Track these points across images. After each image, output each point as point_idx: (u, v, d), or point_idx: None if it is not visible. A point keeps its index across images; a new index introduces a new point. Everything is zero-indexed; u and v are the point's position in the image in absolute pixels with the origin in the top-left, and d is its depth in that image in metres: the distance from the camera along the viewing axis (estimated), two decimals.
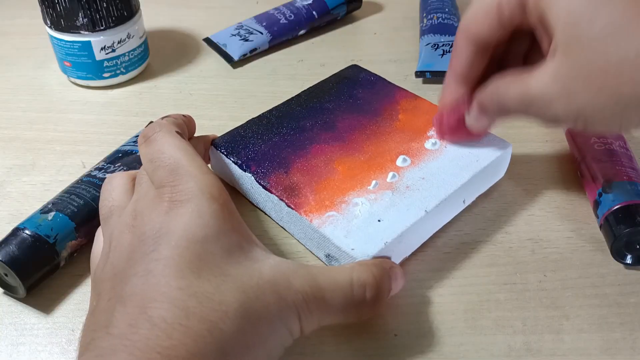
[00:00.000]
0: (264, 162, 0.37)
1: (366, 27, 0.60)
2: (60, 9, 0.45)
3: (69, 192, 0.35)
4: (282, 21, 0.56)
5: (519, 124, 0.44)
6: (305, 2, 0.57)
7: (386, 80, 0.44)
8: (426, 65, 0.51)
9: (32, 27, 0.59)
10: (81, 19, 0.45)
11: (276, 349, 0.26)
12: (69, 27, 0.46)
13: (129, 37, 0.48)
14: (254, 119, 0.40)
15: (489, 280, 0.34)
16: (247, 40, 0.54)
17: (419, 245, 0.35)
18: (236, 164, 0.37)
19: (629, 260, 0.34)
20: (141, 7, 0.50)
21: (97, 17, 0.46)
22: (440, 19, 0.55)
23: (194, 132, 0.38)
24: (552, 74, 0.27)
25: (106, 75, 0.49)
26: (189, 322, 0.23)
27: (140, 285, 0.25)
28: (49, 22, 0.47)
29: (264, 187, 0.35)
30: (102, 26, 0.46)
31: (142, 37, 0.51)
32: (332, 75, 0.45)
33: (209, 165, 0.40)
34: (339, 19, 0.60)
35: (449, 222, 0.37)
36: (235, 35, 0.55)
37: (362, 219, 0.33)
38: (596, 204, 0.36)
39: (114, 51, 0.48)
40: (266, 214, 0.38)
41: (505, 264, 0.35)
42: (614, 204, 0.34)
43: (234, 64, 0.54)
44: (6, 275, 0.32)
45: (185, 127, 0.35)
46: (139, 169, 0.33)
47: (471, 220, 0.37)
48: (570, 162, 0.42)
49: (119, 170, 0.37)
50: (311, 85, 0.44)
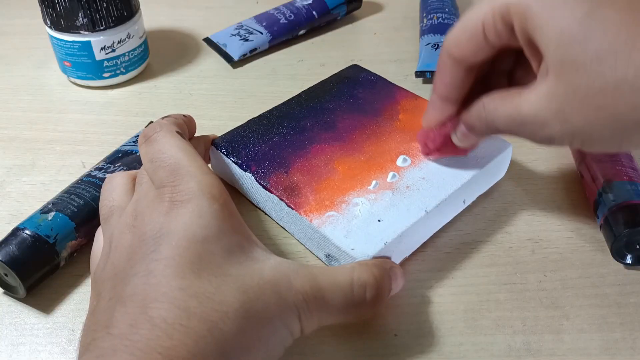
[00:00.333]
0: (264, 162, 0.37)
1: (366, 27, 0.60)
2: (60, 8, 0.45)
3: (69, 192, 0.35)
4: (282, 21, 0.56)
5: None
6: (305, 2, 0.57)
7: (386, 80, 0.44)
8: (426, 65, 0.51)
9: (32, 27, 0.59)
10: (81, 18, 0.45)
11: (276, 349, 0.26)
12: (69, 27, 0.46)
13: (128, 37, 0.48)
14: (254, 118, 0.40)
15: (489, 280, 0.34)
16: (247, 40, 0.54)
17: (419, 245, 0.35)
18: (236, 163, 0.37)
19: (629, 260, 0.34)
20: (141, 7, 0.50)
21: (97, 17, 0.46)
22: (440, 19, 0.55)
23: (195, 132, 0.38)
24: (545, 95, 0.26)
25: (106, 75, 0.49)
26: (189, 323, 0.23)
27: (140, 285, 0.25)
28: (48, 22, 0.47)
29: (264, 187, 0.35)
30: (102, 26, 0.46)
31: (142, 37, 0.51)
32: (333, 75, 0.45)
33: (209, 165, 0.40)
34: (339, 19, 0.60)
35: (449, 222, 0.37)
36: (235, 35, 0.55)
37: (362, 219, 0.33)
38: (596, 204, 0.36)
39: (113, 51, 0.48)
40: (266, 214, 0.38)
41: (505, 264, 0.35)
42: (614, 204, 0.34)
43: (234, 64, 0.54)
44: (6, 275, 0.32)
45: (185, 127, 0.35)
46: (139, 169, 0.33)
47: (471, 220, 0.37)
48: (570, 162, 0.42)
49: (119, 170, 0.37)
50: (311, 85, 0.44)
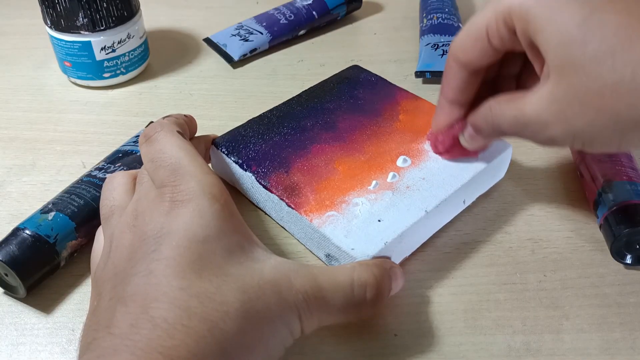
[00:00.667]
0: (265, 162, 0.37)
1: (366, 27, 0.60)
2: (60, 9, 0.45)
3: (69, 192, 0.35)
4: (282, 21, 0.56)
5: None
6: (305, 2, 0.57)
7: (387, 80, 0.44)
8: (426, 65, 0.51)
9: (32, 27, 0.59)
10: (81, 19, 0.45)
11: (277, 348, 0.26)
12: (69, 27, 0.46)
13: (129, 37, 0.48)
14: (254, 118, 0.40)
15: (489, 280, 0.34)
16: (247, 40, 0.54)
17: (419, 245, 0.35)
18: (237, 163, 0.37)
19: (628, 260, 0.34)
20: (141, 7, 0.50)
21: (97, 17, 0.46)
22: (440, 19, 0.55)
23: (195, 132, 0.38)
24: (547, 97, 0.27)
25: (106, 75, 0.49)
26: (190, 323, 0.23)
27: (141, 285, 0.25)
28: (49, 22, 0.47)
29: (265, 186, 0.35)
30: (102, 26, 0.46)
31: (142, 37, 0.51)
32: (333, 75, 0.45)
33: (210, 164, 0.40)
34: (339, 19, 0.60)
35: (449, 222, 0.37)
36: (235, 35, 0.55)
37: (362, 219, 0.33)
38: (596, 204, 0.36)
39: (114, 51, 0.48)
40: (266, 214, 0.38)
41: (505, 263, 0.35)
42: (613, 204, 0.34)
43: (234, 64, 0.54)
44: (6, 275, 0.32)
45: (186, 127, 0.35)
46: (139, 168, 0.33)
47: (471, 220, 0.37)
48: (570, 162, 0.42)
49: (119, 170, 0.37)
50: (311, 85, 0.44)
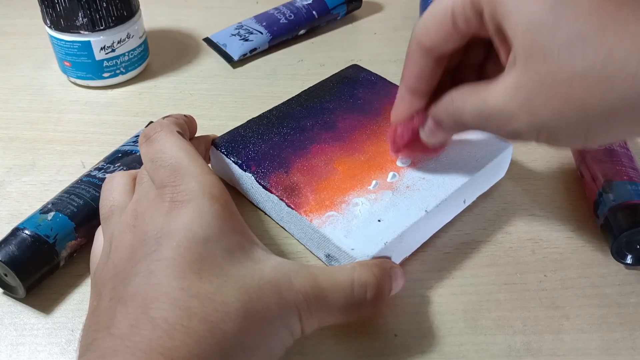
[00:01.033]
0: (264, 162, 0.37)
1: (366, 27, 0.60)
2: (60, 8, 0.45)
3: (69, 192, 0.35)
4: (282, 21, 0.56)
5: None
6: (305, 2, 0.57)
7: (387, 80, 0.44)
8: None
9: (32, 27, 0.59)
10: (81, 18, 0.45)
11: (277, 349, 0.26)
12: (69, 27, 0.46)
13: (128, 37, 0.48)
14: (254, 118, 0.40)
15: (489, 280, 0.34)
16: (247, 40, 0.54)
17: (419, 245, 0.35)
18: (236, 163, 0.37)
19: (629, 260, 0.34)
20: (141, 7, 0.50)
21: (97, 17, 0.46)
22: None
23: (195, 132, 0.38)
24: (511, 86, 0.25)
25: (106, 75, 0.49)
26: (190, 323, 0.23)
27: (141, 285, 0.25)
28: (48, 22, 0.47)
29: (264, 187, 0.35)
30: (101, 26, 0.46)
31: (142, 37, 0.51)
32: (333, 75, 0.45)
33: (209, 165, 0.40)
34: (339, 18, 0.60)
35: (449, 222, 0.37)
36: (235, 35, 0.55)
37: (362, 219, 0.33)
38: (596, 204, 0.36)
39: (113, 51, 0.48)
40: (266, 214, 0.38)
41: (505, 264, 0.35)
42: (614, 203, 0.34)
43: (234, 63, 0.54)
44: (6, 275, 0.32)
45: (186, 127, 0.35)
46: (139, 168, 0.33)
47: (471, 220, 0.37)
48: (570, 162, 0.42)
49: (119, 170, 0.37)
50: (311, 85, 0.44)
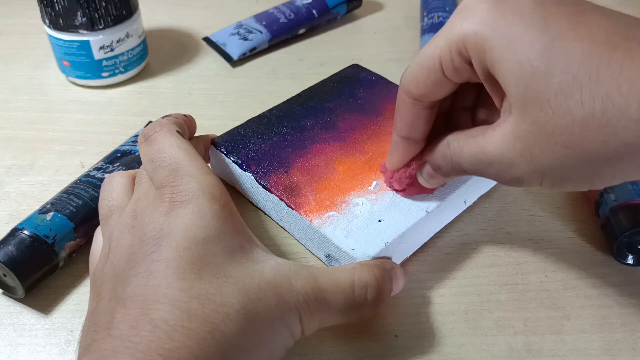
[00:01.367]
0: (264, 162, 0.37)
1: (366, 26, 0.60)
2: (59, 8, 0.45)
3: (68, 192, 0.35)
4: (282, 20, 0.56)
5: None
6: (305, 1, 0.57)
7: (387, 79, 0.44)
8: None
9: (31, 27, 0.58)
10: (80, 18, 0.45)
11: (277, 350, 0.26)
12: (68, 27, 0.46)
13: (127, 36, 0.48)
14: (254, 118, 0.40)
15: (490, 280, 0.34)
16: (246, 39, 0.54)
17: (420, 245, 0.35)
18: (236, 163, 0.37)
19: (630, 260, 0.34)
20: (140, 6, 0.50)
21: (96, 16, 0.45)
22: (440, 18, 0.54)
23: (195, 132, 0.38)
24: (509, 135, 0.24)
25: (105, 74, 0.49)
26: (190, 324, 0.23)
27: (141, 286, 0.24)
28: (47, 22, 0.47)
29: (264, 186, 0.35)
30: (100, 25, 0.46)
31: (141, 36, 0.50)
32: (333, 74, 0.45)
33: (209, 164, 0.40)
34: (339, 18, 0.60)
35: (450, 223, 0.37)
36: (234, 34, 0.55)
37: (362, 219, 0.33)
38: (597, 204, 0.36)
39: (112, 50, 0.48)
40: (266, 214, 0.37)
41: (506, 264, 0.35)
42: (615, 203, 0.34)
43: (234, 63, 0.54)
44: (5, 275, 0.32)
45: (185, 127, 0.35)
46: (138, 168, 0.33)
47: (472, 220, 0.37)
48: None
49: (118, 170, 0.37)
50: (311, 84, 0.43)
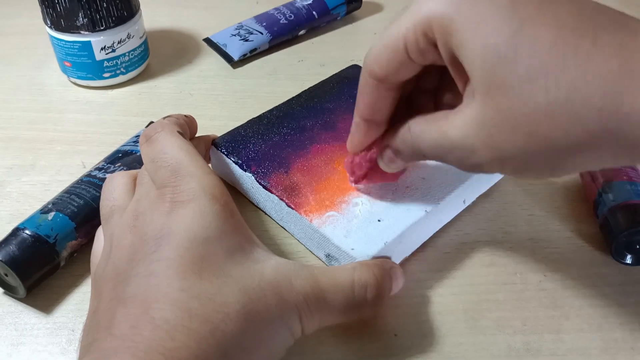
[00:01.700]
0: (264, 162, 0.37)
1: (366, 27, 0.60)
2: (60, 9, 0.45)
3: (69, 192, 0.35)
4: (282, 21, 0.56)
5: None
6: (305, 2, 0.57)
7: None
8: None
9: (32, 27, 0.59)
10: (81, 19, 0.45)
11: (277, 349, 0.26)
12: (69, 27, 0.46)
13: (129, 37, 0.48)
14: (254, 118, 0.40)
15: (489, 280, 0.34)
16: (247, 40, 0.54)
17: (419, 245, 0.35)
18: (236, 163, 0.37)
19: (629, 260, 0.34)
20: (141, 7, 0.50)
21: (97, 17, 0.46)
22: None
23: (196, 132, 0.38)
24: (472, 120, 0.24)
25: (106, 75, 0.49)
26: (191, 324, 0.23)
27: (142, 286, 0.25)
28: (49, 22, 0.47)
29: (264, 186, 0.35)
30: (102, 26, 0.46)
31: (142, 37, 0.51)
32: (333, 75, 0.45)
33: (210, 165, 0.40)
34: (339, 19, 0.60)
35: (449, 222, 0.37)
36: (235, 35, 0.55)
37: (362, 219, 0.33)
38: (596, 204, 0.36)
39: (114, 51, 0.48)
40: (266, 214, 0.38)
41: (505, 264, 0.35)
42: (613, 203, 0.34)
43: (234, 64, 0.54)
44: (6, 275, 0.32)
45: (186, 127, 0.35)
46: (139, 169, 0.33)
47: (471, 220, 0.37)
48: None
49: (119, 170, 0.37)
50: (311, 85, 0.44)
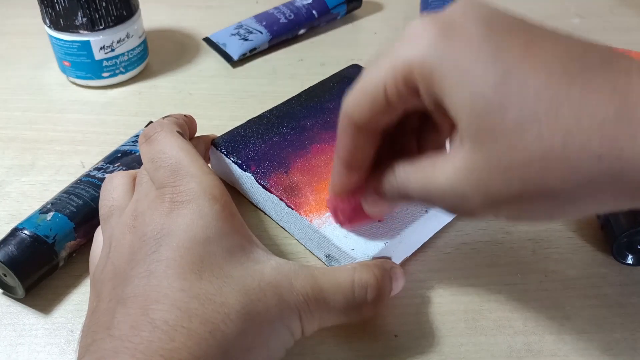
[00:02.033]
0: (264, 162, 0.37)
1: (366, 26, 0.60)
2: (59, 8, 0.45)
3: (68, 192, 0.35)
4: (282, 20, 0.56)
5: None
6: (305, 2, 0.57)
7: None
8: None
9: (32, 27, 0.58)
10: (80, 18, 0.45)
11: (277, 350, 0.26)
12: (68, 27, 0.46)
13: (128, 36, 0.48)
14: (254, 118, 0.40)
15: (490, 280, 0.34)
16: (246, 39, 0.54)
17: (420, 245, 0.35)
18: (236, 163, 0.37)
19: (630, 260, 0.34)
20: (140, 7, 0.50)
21: (97, 16, 0.46)
22: None
23: (195, 132, 0.38)
24: (462, 168, 0.23)
25: (105, 75, 0.49)
26: (191, 325, 0.23)
27: (141, 286, 0.25)
28: (48, 22, 0.47)
29: (264, 187, 0.35)
30: (101, 26, 0.46)
31: (142, 36, 0.50)
32: (333, 74, 0.45)
33: (209, 165, 0.40)
34: (339, 18, 0.60)
35: (450, 223, 0.37)
36: (235, 34, 0.55)
37: None
38: None
39: (113, 51, 0.48)
40: (266, 214, 0.37)
41: (506, 264, 0.35)
42: None
43: (234, 63, 0.54)
44: (5, 275, 0.32)
45: (186, 127, 0.35)
46: (138, 168, 0.33)
47: (471, 220, 0.37)
48: None
49: (119, 170, 0.37)
50: (311, 84, 0.43)
